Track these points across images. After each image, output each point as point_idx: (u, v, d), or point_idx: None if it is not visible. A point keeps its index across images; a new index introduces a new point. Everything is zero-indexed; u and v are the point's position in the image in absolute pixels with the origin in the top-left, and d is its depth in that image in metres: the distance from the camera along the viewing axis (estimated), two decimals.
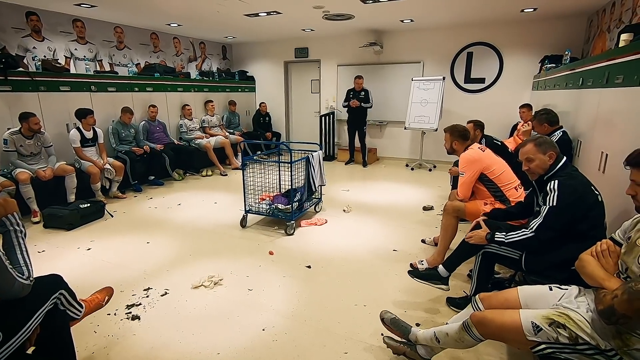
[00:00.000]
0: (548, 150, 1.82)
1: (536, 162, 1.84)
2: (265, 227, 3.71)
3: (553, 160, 1.82)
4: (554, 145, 1.85)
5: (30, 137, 3.84)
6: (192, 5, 4.72)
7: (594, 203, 1.73)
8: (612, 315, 1.17)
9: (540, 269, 1.83)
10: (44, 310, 1.36)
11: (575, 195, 1.70)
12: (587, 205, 1.71)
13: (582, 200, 1.71)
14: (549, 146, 1.83)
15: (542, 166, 1.84)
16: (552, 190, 1.73)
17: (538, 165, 1.84)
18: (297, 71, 8.04)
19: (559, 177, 1.76)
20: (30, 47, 4.66)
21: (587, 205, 1.71)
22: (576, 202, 1.70)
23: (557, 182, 1.74)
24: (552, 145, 1.84)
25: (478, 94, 6.42)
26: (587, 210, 1.71)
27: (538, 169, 1.85)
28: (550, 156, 1.82)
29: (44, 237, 3.45)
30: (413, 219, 3.92)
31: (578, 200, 1.70)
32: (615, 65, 2.32)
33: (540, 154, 1.83)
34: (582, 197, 1.71)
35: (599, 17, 4.82)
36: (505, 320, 1.38)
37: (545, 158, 1.82)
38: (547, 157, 1.82)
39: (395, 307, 2.32)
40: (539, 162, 1.83)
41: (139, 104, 5.49)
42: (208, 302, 2.37)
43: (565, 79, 3.72)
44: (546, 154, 1.82)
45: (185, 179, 5.71)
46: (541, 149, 1.83)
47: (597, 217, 1.75)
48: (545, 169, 1.84)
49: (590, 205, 1.72)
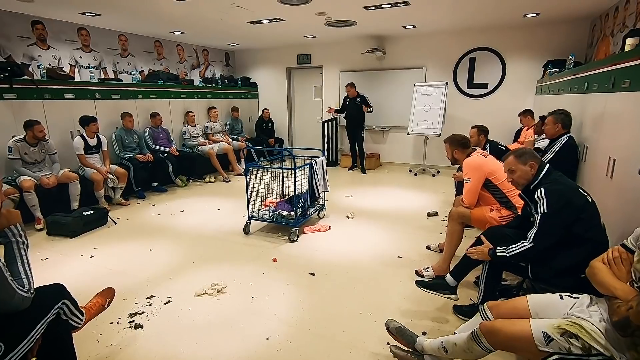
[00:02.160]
0: (529, 161, 1.87)
1: (518, 173, 1.90)
2: (268, 233, 3.69)
3: (535, 170, 1.87)
4: (534, 156, 1.91)
5: (34, 145, 3.85)
6: (196, 14, 4.75)
7: (584, 205, 1.74)
8: (628, 327, 1.14)
9: (547, 277, 1.81)
10: (47, 320, 1.35)
11: (563, 199, 1.73)
12: (577, 207, 1.72)
13: (571, 203, 1.73)
14: (529, 157, 1.89)
15: (524, 176, 1.89)
16: (540, 198, 1.77)
17: (520, 176, 1.90)
18: (300, 77, 8.06)
19: (544, 185, 1.80)
20: (36, 56, 4.70)
21: (577, 207, 1.72)
22: (566, 206, 1.72)
23: (544, 189, 1.77)
24: (532, 155, 1.90)
25: (481, 99, 6.40)
26: (578, 212, 1.72)
27: (521, 179, 1.91)
28: (532, 166, 1.87)
29: (47, 245, 3.44)
30: (417, 225, 3.89)
31: (567, 204, 1.72)
32: (622, 69, 2.30)
33: (521, 164, 1.88)
34: (570, 200, 1.73)
35: (602, 22, 4.81)
36: (515, 330, 1.35)
37: (526, 168, 1.88)
38: (528, 167, 1.87)
39: (401, 315, 2.28)
40: (521, 172, 1.89)
41: (143, 111, 5.52)
42: (211, 310, 2.35)
43: (569, 83, 3.70)
44: (527, 164, 1.87)
45: (189, 186, 5.71)
46: (521, 160, 1.89)
47: (590, 219, 1.75)
48: (529, 179, 1.89)
49: (580, 207, 1.73)
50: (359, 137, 6.58)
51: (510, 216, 2.48)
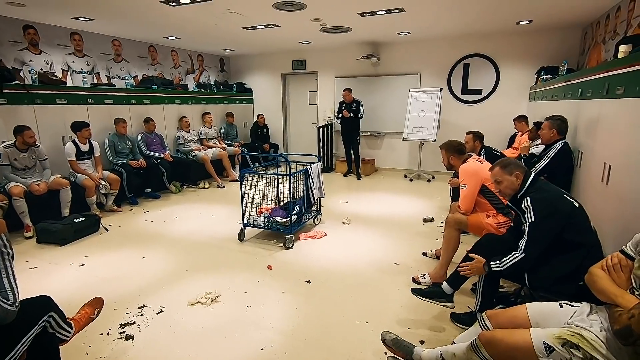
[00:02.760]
0: (514, 171, 1.91)
1: (505, 184, 1.93)
2: (263, 240, 3.64)
3: (520, 180, 1.91)
4: (519, 166, 1.94)
5: (24, 151, 3.79)
6: (191, 19, 4.73)
7: (571, 210, 1.75)
8: (630, 336, 1.12)
9: (545, 285, 1.79)
10: (32, 334, 1.29)
11: (550, 207, 1.75)
12: (564, 213, 1.74)
13: (558, 210, 1.75)
14: (515, 167, 1.92)
15: (510, 186, 1.92)
16: (527, 207, 1.79)
17: (507, 186, 1.93)
18: (295, 83, 8.07)
19: (530, 193, 1.84)
20: (27, 60, 4.64)
21: (564, 213, 1.74)
22: (552, 213, 1.74)
23: (529, 199, 1.80)
24: (517, 165, 1.94)
25: (475, 104, 6.44)
26: (566, 218, 1.73)
27: (507, 190, 1.94)
28: (517, 176, 1.90)
29: (36, 253, 3.37)
30: (413, 231, 3.87)
31: (554, 211, 1.74)
32: (616, 76, 2.31)
33: (507, 175, 1.92)
34: (557, 207, 1.75)
35: (594, 29, 4.88)
36: (515, 340, 1.33)
37: (512, 179, 1.91)
38: (514, 177, 1.90)
39: (398, 323, 2.25)
40: (507, 183, 1.93)
41: (136, 116, 5.46)
42: (205, 319, 2.30)
43: (563, 89, 3.73)
44: (512, 175, 1.91)
45: (183, 192, 5.65)
46: (507, 170, 1.92)
47: (580, 224, 1.76)
48: (515, 189, 1.92)
49: (568, 214, 1.74)
50: (355, 142, 6.58)
51: (507, 222, 2.47)
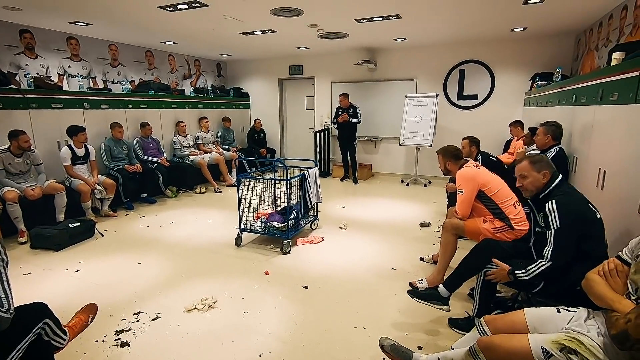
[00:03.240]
0: (543, 169, 1.83)
1: (530, 180, 1.86)
2: (260, 245, 3.63)
3: (547, 179, 1.83)
4: (549, 165, 1.85)
5: (19, 155, 3.76)
6: (188, 24, 4.75)
7: (593, 220, 1.71)
8: (627, 340, 1.13)
9: (560, 293, 1.75)
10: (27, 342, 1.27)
11: (575, 213, 1.69)
12: (588, 222, 1.69)
13: (583, 218, 1.69)
14: (544, 165, 1.84)
15: (535, 184, 1.85)
16: (552, 212, 1.71)
17: (531, 182, 1.86)
18: (292, 88, 8.09)
19: (556, 197, 1.75)
20: (23, 65, 4.63)
21: (588, 222, 1.69)
22: (577, 220, 1.68)
23: (555, 203, 1.72)
24: (547, 164, 1.85)
25: (471, 110, 6.49)
26: (589, 227, 1.68)
27: (531, 186, 1.87)
28: (545, 175, 1.83)
29: (30, 259, 3.33)
30: (410, 236, 3.88)
31: (579, 218, 1.69)
32: (610, 83, 2.35)
33: (535, 171, 1.84)
34: (582, 214, 1.70)
35: (587, 36, 4.95)
36: (513, 345, 1.33)
37: (539, 176, 1.84)
38: (541, 175, 1.83)
39: (396, 329, 2.25)
40: (533, 179, 1.85)
41: (133, 121, 5.45)
42: (201, 326, 2.28)
43: (557, 95, 3.77)
44: (540, 173, 1.83)
45: (179, 197, 5.62)
46: (536, 167, 1.84)
47: (599, 236, 1.73)
48: (539, 187, 1.85)
49: (591, 223, 1.70)
50: (351, 147, 6.60)
51: (503, 227, 2.48)
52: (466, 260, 2.21)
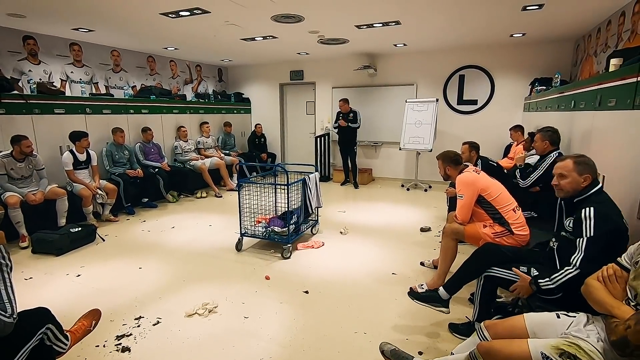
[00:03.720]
0: (585, 173, 1.72)
1: (568, 180, 1.75)
2: (261, 250, 3.63)
3: (587, 184, 1.73)
4: (592, 169, 1.74)
5: (21, 160, 3.78)
6: (190, 30, 4.79)
7: (623, 233, 1.64)
8: (626, 346, 1.13)
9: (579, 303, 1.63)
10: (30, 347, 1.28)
11: (611, 224, 1.62)
12: (620, 234, 1.62)
13: (618, 229, 1.62)
14: (587, 168, 1.73)
15: (573, 186, 1.75)
16: (588, 219, 1.62)
17: (569, 183, 1.75)
18: (293, 93, 8.13)
19: (594, 204, 1.65)
20: (26, 70, 4.67)
21: (620, 234, 1.62)
22: (612, 231, 1.61)
23: (594, 210, 1.62)
24: (591, 168, 1.74)
25: (471, 115, 6.52)
26: (619, 239, 1.61)
27: (568, 187, 1.76)
28: (586, 179, 1.72)
29: (32, 263, 3.34)
30: (411, 241, 3.88)
31: (614, 229, 1.62)
32: (608, 89, 2.37)
33: (576, 173, 1.73)
34: (618, 226, 1.62)
35: (586, 42, 4.98)
36: (513, 350, 1.34)
37: (579, 179, 1.73)
38: (582, 178, 1.73)
39: (397, 333, 2.25)
40: (572, 180, 1.75)
41: (134, 126, 5.48)
42: (202, 331, 2.28)
43: (557, 101, 3.79)
44: (582, 176, 1.72)
45: (180, 201, 5.64)
46: (578, 169, 1.73)
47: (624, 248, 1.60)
48: (576, 190, 1.75)
49: (621, 235, 1.63)
50: (352, 152, 6.62)
51: (503, 232, 2.49)
52: (467, 263, 2.22)
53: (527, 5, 3.79)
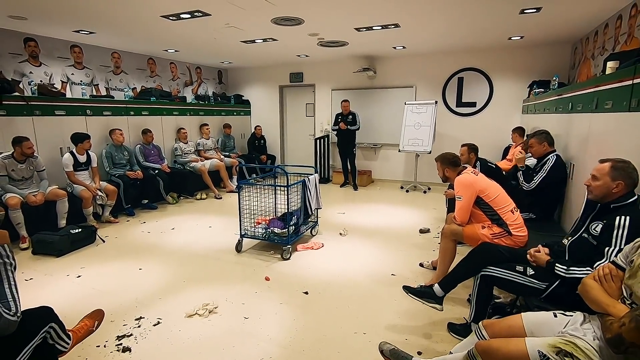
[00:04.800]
0: (618, 179, 1.67)
1: (599, 183, 1.71)
2: (261, 251, 3.65)
3: (619, 190, 1.67)
4: (628, 176, 1.67)
5: (22, 162, 3.79)
6: (190, 33, 4.82)
7: None
8: (621, 344, 1.15)
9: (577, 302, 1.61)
10: (33, 345, 1.30)
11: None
12: None
13: None
14: (623, 175, 1.67)
15: (602, 190, 1.71)
16: (621, 228, 1.57)
17: (599, 187, 1.71)
18: (292, 95, 8.16)
19: (631, 214, 1.59)
20: (27, 72, 4.68)
21: None
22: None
23: (629, 220, 1.57)
24: (627, 175, 1.67)
25: (470, 117, 6.55)
26: None
27: (597, 191, 1.72)
28: (618, 185, 1.67)
29: (32, 265, 3.34)
30: (410, 242, 3.90)
31: None
32: (604, 91, 2.39)
33: (609, 177, 1.68)
34: None
35: (583, 45, 5.02)
36: (511, 349, 1.35)
37: (611, 184, 1.68)
38: (614, 184, 1.67)
39: (396, 334, 2.26)
40: (603, 184, 1.70)
41: (134, 127, 5.50)
42: (203, 331, 2.29)
43: (554, 103, 3.82)
44: (615, 182, 1.67)
45: (180, 203, 5.65)
46: (613, 174, 1.68)
47: None
48: (605, 195, 1.71)
49: None
50: (351, 154, 6.64)
51: (502, 233, 2.51)
52: (463, 262, 2.24)
53: (525, 9, 3.82)
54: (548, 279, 1.79)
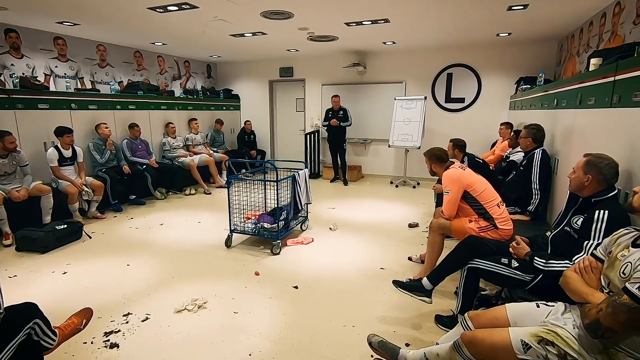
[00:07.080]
0: (588, 173, 1.73)
1: (575, 176, 1.80)
2: (250, 246, 3.64)
3: (589, 184, 1.73)
4: (599, 172, 1.71)
5: (4, 157, 3.70)
6: (178, 26, 4.74)
7: None
8: (598, 329, 1.19)
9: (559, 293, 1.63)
10: (17, 341, 1.28)
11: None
12: None
13: None
14: (593, 170, 1.72)
15: (575, 182, 1.79)
16: (600, 222, 1.62)
17: (574, 179, 1.80)
18: (282, 90, 8.12)
19: (611, 209, 1.64)
20: (8, 64, 4.56)
21: None
22: None
23: (608, 214, 1.62)
24: (597, 171, 1.71)
25: (458, 113, 6.62)
26: None
27: (572, 182, 1.81)
28: (588, 179, 1.73)
29: (16, 261, 3.28)
30: (399, 237, 3.94)
31: None
32: (587, 87, 2.44)
33: (582, 171, 1.76)
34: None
35: (569, 42, 5.11)
36: (495, 339, 1.39)
37: (582, 178, 1.75)
38: (585, 178, 1.74)
39: (384, 326, 2.29)
40: (576, 176, 1.78)
41: (121, 122, 5.40)
42: (192, 327, 2.29)
43: (540, 99, 3.89)
44: (585, 175, 1.74)
45: (168, 198, 5.59)
46: (585, 168, 1.75)
47: None
48: (579, 188, 1.78)
49: None
50: (341, 149, 6.66)
51: (488, 227, 2.55)
52: (451, 255, 2.28)
53: (512, 5, 3.86)
54: (532, 271, 1.83)
